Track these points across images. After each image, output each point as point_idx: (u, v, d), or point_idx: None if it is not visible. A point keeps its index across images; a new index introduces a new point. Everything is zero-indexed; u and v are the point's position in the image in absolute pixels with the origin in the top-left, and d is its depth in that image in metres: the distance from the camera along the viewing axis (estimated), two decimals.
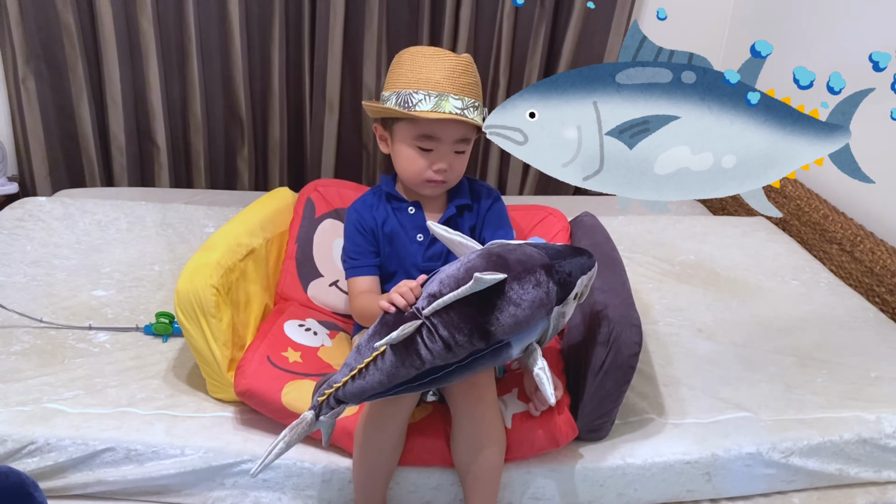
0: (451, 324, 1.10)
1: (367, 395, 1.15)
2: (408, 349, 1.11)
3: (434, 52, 1.37)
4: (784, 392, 1.52)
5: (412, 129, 1.37)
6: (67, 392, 1.39)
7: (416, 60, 1.36)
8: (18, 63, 2.56)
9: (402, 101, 1.35)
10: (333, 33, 2.63)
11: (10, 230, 2.02)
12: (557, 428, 1.29)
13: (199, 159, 2.82)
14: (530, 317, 1.13)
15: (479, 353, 1.13)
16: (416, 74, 1.35)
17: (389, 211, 1.47)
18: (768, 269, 2.06)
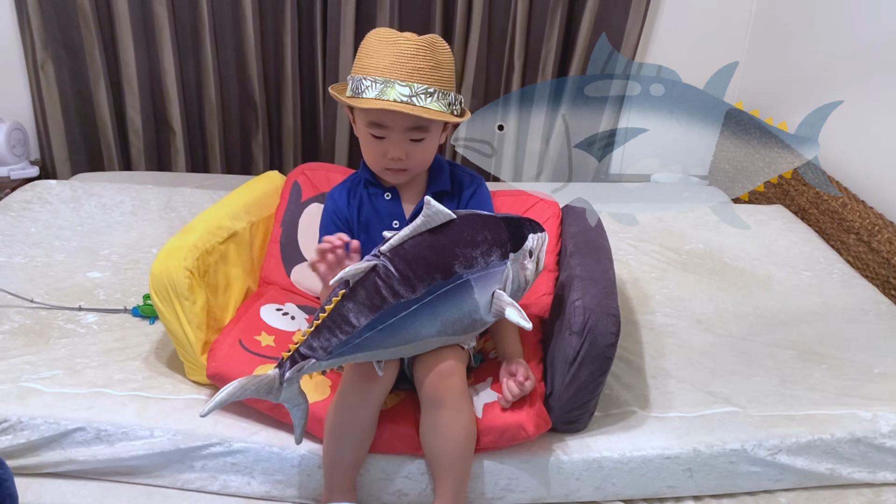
0: (408, 258, 1.13)
1: (334, 346, 1.13)
2: (367, 290, 1.13)
3: (388, 35, 1.30)
4: (778, 387, 1.45)
5: (363, 116, 1.32)
6: (47, 371, 1.40)
7: (370, 45, 1.31)
8: (37, 48, 2.61)
9: (354, 88, 1.31)
10: (345, 17, 2.62)
11: (18, 212, 2.06)
12: (529, 419, 1.25)
13: (214, 144, 2.84)
14: (486, 253, 1.17)
15: (439, 288, 1.14)
16: (368, 59, 1.30)
17: (365, 197, 1.43)
18: (780, 259, 1.98)
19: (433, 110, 1.29)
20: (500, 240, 1.20)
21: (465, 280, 1.16)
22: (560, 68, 2.75)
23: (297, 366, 1.13)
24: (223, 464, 1.30)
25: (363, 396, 1.23)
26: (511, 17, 2.65)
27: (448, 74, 1.32)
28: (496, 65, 2.75)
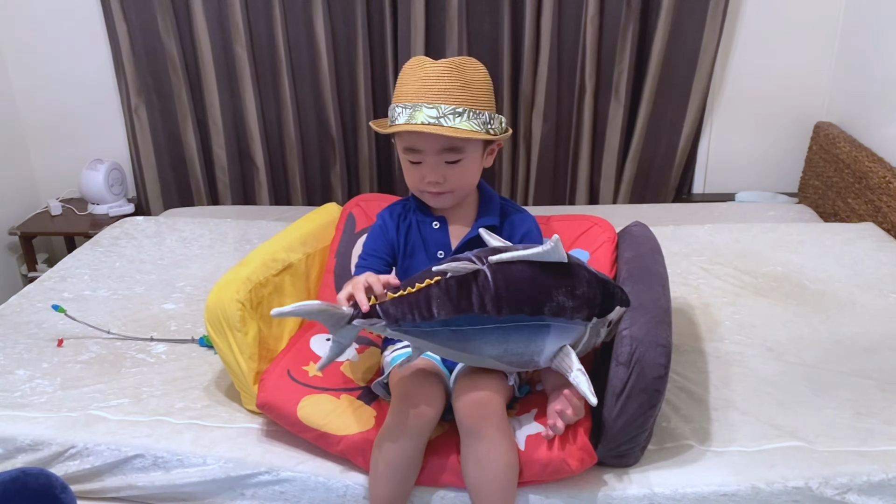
0: (508, 280, 1.17)
1: (406, 321, 1.17)
2: (460, 289, 1.16)
3: (416, 62, 1.33)
4: (851, 420, 1.35)
5: (399, 143, 1.36)
6: (115, 400, 1.48)
7: (402, 74, 1.34)
8: (131, 94, 2.79)
9: (390, 116, 1.35)
10: (415, 50, 2.66)
11: (107, 248, 2.19)
12: (573, 454, 1.21)
13: (294, 177, 2.94)
14: (576, 308, 1.20)
15: (521, 321, 1.17)
16: (400, 88, 1.33)
17: (414, 223, 1.44)
18: (866, 280, 1.85)
19: (462, 129, 1.29)
20: (592, 301, 1.23)
21: (547, 325, 1.20)
22: (634, 88, 2.69)
23: (368, 320, 1.18)
24: (272, 492, 1.32)
25: (410, 432, 1.23)
26: (581, 37, 2.62)
27: (480, 93, 1.32)
28: (567, 88, 2.72)
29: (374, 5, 2.68)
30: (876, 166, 2.21)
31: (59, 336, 1.71)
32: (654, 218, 2.52)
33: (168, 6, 2.67)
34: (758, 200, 2.76)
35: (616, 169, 2.81)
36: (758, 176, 2.88)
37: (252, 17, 2.70)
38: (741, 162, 2.86)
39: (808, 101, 2.73)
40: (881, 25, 2.33)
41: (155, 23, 2.70)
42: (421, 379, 1.28)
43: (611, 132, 2.74)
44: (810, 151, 2.71)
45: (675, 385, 1.49)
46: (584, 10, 2.58)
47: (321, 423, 1.30)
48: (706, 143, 2.85)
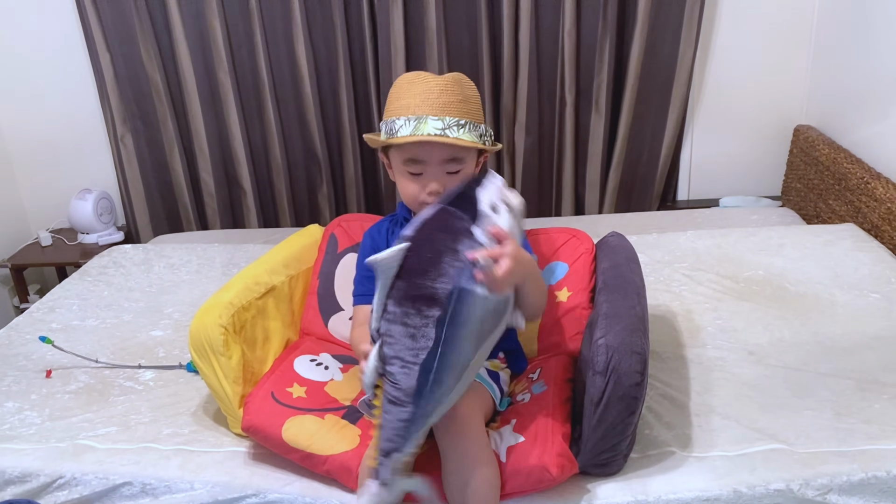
0: (397, 315, 1.13)
1: (399, 436, 1.14)
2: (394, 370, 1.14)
3: (414, 77, 1.38)
4: (831, 421, 1.36)
5: (399, 154, 1.38)
6: (103, 429, 1.49)
7: (399, 87, 1.38)
8: (117, 123, 2.82)
9: (388, 130, 1.37)
10: (396, 67, 2.69)
11: (95, 277, 2.21)
12: (552, 460, 1.22)
13: (282, 199, 2.96)
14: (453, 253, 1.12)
15: (444, 319, 1.11)
16: (398, 102, 1.37)
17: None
18: (847, 281, 1.87)
19: (466, 140, 1.34)
20: (458, 230, 1.14)
21: (458, 290, 1.11)
22: (614, 99, 2.72)
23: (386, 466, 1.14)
24: None
25: None
26: (559, 50, 2.66)
27: (476, 108, 1.39)
28: (548, 101, 2.75)
29: (354, 28, 2.71)
30: (854, 167, 2.23)
31: (47, 367, 1.72)
32: (639, 226, 2.54)
33: (150, 35, 2.70)
34: (742, 205, 2.78)
35: (600, 179, 2.83)
36: (741, 181, 2.90)
37: (234, 43, 2.73)
38: (724, 167, 2.89)
39: (787, 105, 2.76)
40: (854, 29, 2.36)
41: (138, 52, 2.73)
42: None
43: (593, 143, 2.77)
44: (791, 155, 2.74)
45: (657, 392, 1.50)
46: (560, 23, 2.61)
47: (306, 443, 1.31)
48: (688, 151, 2.88)
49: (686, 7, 2.57)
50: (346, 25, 2.69)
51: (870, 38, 2.25)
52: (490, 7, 2.62)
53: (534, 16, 2.60)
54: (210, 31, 2.69)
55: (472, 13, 2.64)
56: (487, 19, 2.62)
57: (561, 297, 1.54)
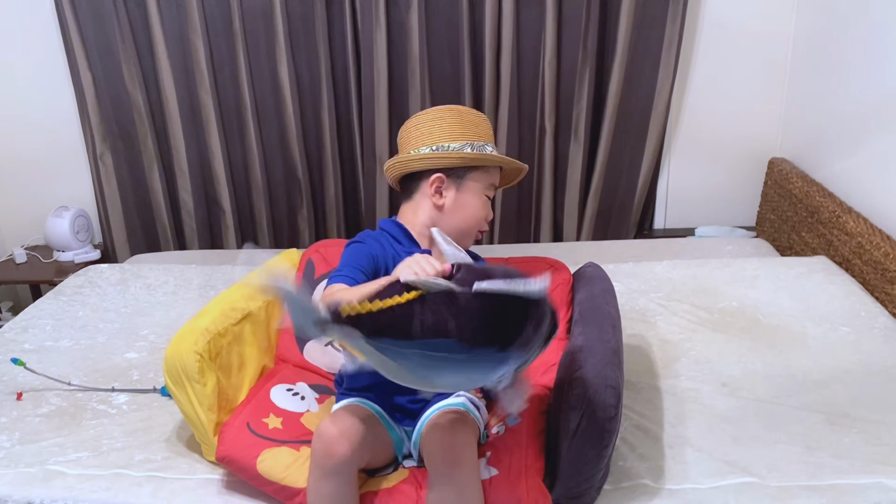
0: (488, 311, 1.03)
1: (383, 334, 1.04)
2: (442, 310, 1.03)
3: (457, 108, 1.47)
4: (802, 454, 1.38)
5: (485, 178, 1.45)
6: (74, 454, 1.47)
7: (466, 117, 1.45)
8: (97, 141, 2.81)
9: (478, 149, 1.42)
10: (379, 93, 2.71)
11: (70, 296, 2.19)
12: (526, 494, 1.23)
13: (262, 220, 2.96)
14: (537, 341, 1.08)
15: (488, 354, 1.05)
16: (475, 128, 1.43)
17: (402, 254, 1.39)
18: (818, 314, 1.90)
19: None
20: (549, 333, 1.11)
21: (508, 356, 1.06)
22: (593, 129, 2.76)
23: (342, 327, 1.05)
24: None
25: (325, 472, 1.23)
26: (539, 80, 2.69)
27: None
28: (528, 129, 2.78)
29: (338, 51, 2.73)
30: (826, 201, 2.27)
31: (18, 389, 1.70)
32: (616, 254, 2.57)
33: (133, 54, 2.70)
34: (717, 235, 2.82)
35: (578, 207, 2.86)
36: (716, 211, 2.94)
37: (217, 63, 2.74)
38: (700, 197, 2.93)
39: (762, 137, 2.82)
40: (828, 66, 2.42)
41: (120, 71, 2.73)
42: (339, 419, 1.25)
43: (572, 171, 2.80)
44: (765, 186, 2.79)
45: (631, 423, 1.51)
46: (541, 54, 2.65)
47: (280, 476, 1.30)
48: (665, 180, 2.92)
49: (665, 39, 2.62)
50: (330, 49, 2.70)
51: (843, 75, 2.31)
52: (472, 36, 2.65)
53: (515, 45, 2.63)
54: (193, 51, 2.70)
55: (454, 41, 2.67)
56: (470, 48, 2.65)
57: None
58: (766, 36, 2.68)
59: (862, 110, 2.19)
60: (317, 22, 2.66)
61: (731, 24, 2.68)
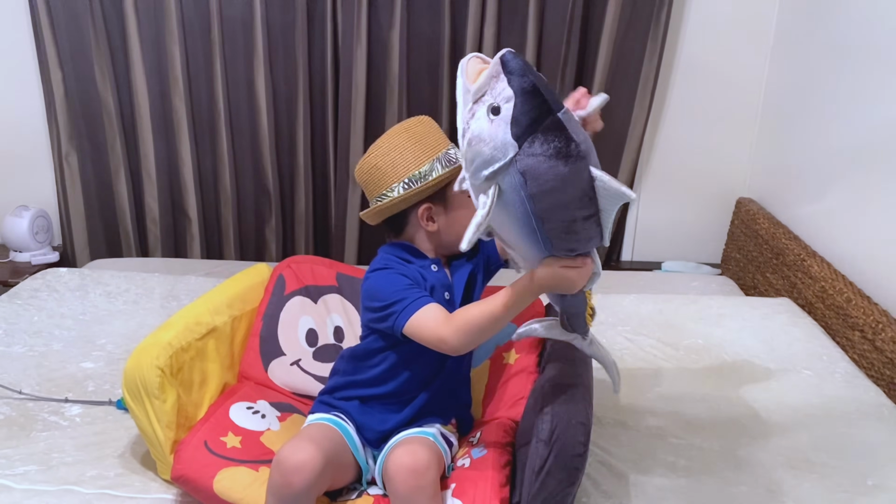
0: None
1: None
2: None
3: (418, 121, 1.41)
4: (763, 498, 1.39)
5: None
6: (22, 467, 1.41)
7: (417, 133, 1.38)
8: (62, 141, 2.74)
9: (446, 163, 1.36)
10: (356, 110, 2.69)
11: (26, 300, 2.12)
12: None
13: (228, 231, 2.91)
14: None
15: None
16: (431, 139, 1.37)
17: (418, 267, 1.39)
18: (781, 356, 1.92)
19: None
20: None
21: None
22: None
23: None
24: None
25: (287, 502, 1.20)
26: None
27: None
28: None
29: (316, 66, 2.71)
30: (792, 244, 2.31)
31: None
32: None
33: (106, 55, 2.65)
34: (683, 270, 2.85)
35: None
36: (683, 246, 2.98)
37: (192, 69, 2.70)
38: (668, 232, 2.96)
39: (731, 177, 2.86)
40: (797, 112, 2.47)
41: (92, 71, 2.67)
42: (301, 447, 1.22)
43: None
44: (732, 225, 2.83)
45: (595, 459, 1.50)
46: None
47: (238, 497, 1.27)
48: (634, 213, 2.94)
49: (641, 76, 2.65)
50: (309, 62, 2.69)
51: (812, 122, 2.36)
52: (452, 58, 2.65)
53: None
54: (168, 56, 2.66)
55: (434, 62, 2.67)
56: (449, 70, 2.65)
57: (508, 359, 1.55)
58: (739, 80, 2.73)
59: (829, 157, 2.24)
60: (297, 34, 2.64)
61: (707, 66, 2.73)
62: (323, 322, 1.72)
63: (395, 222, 1.43)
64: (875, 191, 2.00)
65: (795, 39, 2.53)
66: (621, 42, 2.62)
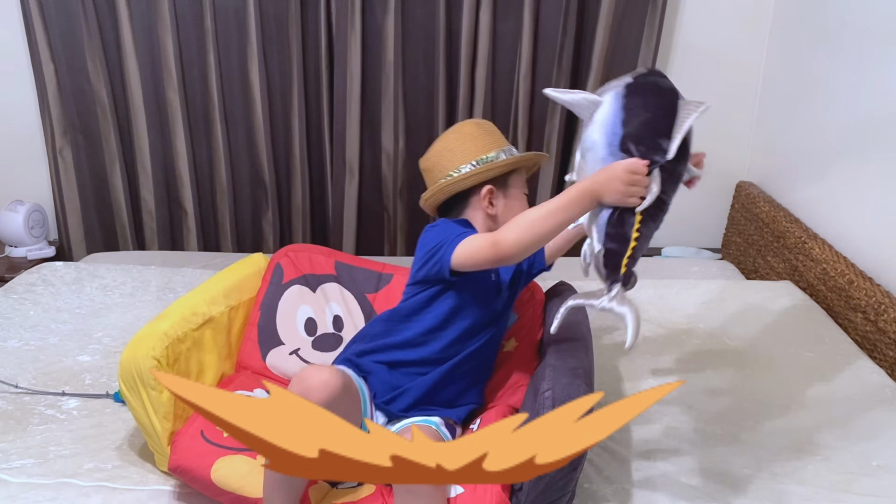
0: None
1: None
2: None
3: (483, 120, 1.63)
4: (767, 481, 1.37)
5: (520, 178, 1.53)
6: (18, 461, 1.40)
7: (485, 128, 1.54)
8: (56, 135, 2.72)
9: (509, 154, 1.50)
10: (351, 99, 2.67)
11: (21, 294, 2.10)
12: None
13: (225, 223, 2.89)
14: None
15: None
16: (497, 136, 1.53)
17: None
18: (783, 339, 1.91)
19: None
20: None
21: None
22: (565, 145, 2.76)
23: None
24: None
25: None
26: (514, 95, 2.68)
27: None
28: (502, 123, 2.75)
29: (311, 55, 2.68)
30: (793, 227, 2.30)
31: None
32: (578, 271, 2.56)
33: (98, 48, 2.63)
34: (683, 256, 2.84)
35: None
36: (683, 231, 2.96)
37: (186, 61, 2.67)
38: (667, 217, 2.92)
39: (731, 161, 2.84)
40: (797, 94, 2.45)
41: (84, 64, 2.65)
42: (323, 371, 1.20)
43: (542, 187, 2.79)
44: (732, 209, 2.81)
45: (598, 445, 1.49)
46: (517, 68, 2.64)
47: (237, 485, 1.25)
48: None
49: (639, 60, 2.63)
50: (303, 52, 2.66)
51: (812, 103, 2.34)
52: (448, 46, 2.63)
53: (491, 58, 2.62)
54: (161, 47, 2.63)
55: (430, 51, 2.64)
56: (445, 58, 2.63)
57: (508, 347, 1.53)
58: (737, 62, 2.71)
59: (829, 139, 2.22)
60: (290, 23, 2.61)
61: (705, 48, 2.70)
62: (322, 311, 1.70)
63: (454, 204, 1.51)
64: (876, 171, 1.98)
65: (794, 21, 2.51)
66: (618, 26, 2.59)
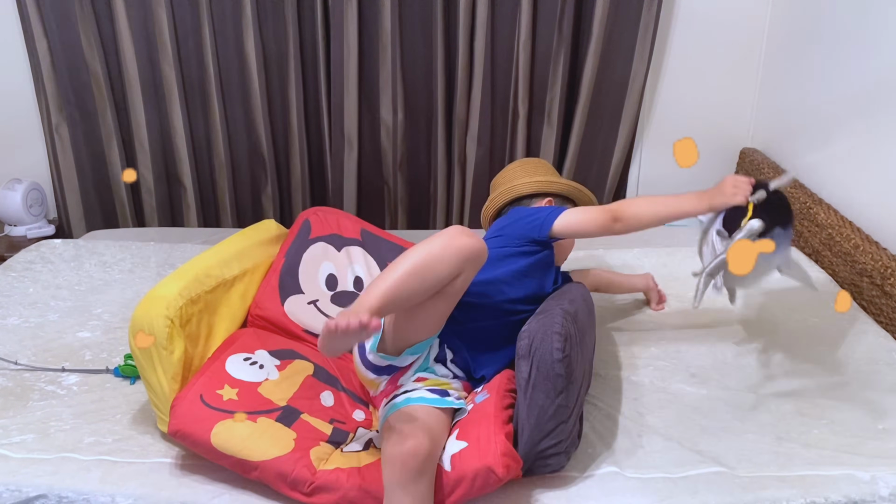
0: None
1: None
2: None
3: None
4: (772, 445, 1.37)
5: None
6: (18, 436, 1.39)
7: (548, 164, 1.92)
8: (52, 111, 2.69)
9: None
10: (348, 71, 2.64)
11: (20, 272, 2.09)
12: (497, 460, 1.19)
13: (224, 198, 2.87)
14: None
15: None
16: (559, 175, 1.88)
17: None
18: (788, 304, 1.89)
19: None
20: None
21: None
22: (566, 114, 2.73)
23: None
24: None
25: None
26: (514, 62, 2.64)
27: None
28: (501, 112, 2.73)
29: (306, 25, 2.64)
30: (797, 192, 2.27)
31: None
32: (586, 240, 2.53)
33: (92, 23, 2.59)
34: (687, 225, 2.81)
35: None
36: None
37: (180, 35, 2.64)
38: (671, 186, 2.90)
39: (734, 128, 2.81)
40: (800, 59, 2.41)
41: (78, 39, 2.61)
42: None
43: (543, 156, 2.76)
44: None
45: (600, 413, 1.48)
46: (516, 35, 2.60)
47: (237, 449, 1.25)
48: (637, 167, 2.90)
49: (640, 26, 2.59)
50: (299, 22, 2.62)
51: (816, 68, 2.30)
52: (446, 14, 2.59)
53: (490, 26, 2.58)
54: (155, 21, 2.59)
55: (427, 19, 2.60)
56: (443, 26, 2.59)
57: None
58: (740, 27, 2.66)
59: (834, 103, 2.19)
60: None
61: (707, 13, 2.66)
62: (344, 270, 1.74)
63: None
64: (881, 135, 1.95)
65: None
66: None
